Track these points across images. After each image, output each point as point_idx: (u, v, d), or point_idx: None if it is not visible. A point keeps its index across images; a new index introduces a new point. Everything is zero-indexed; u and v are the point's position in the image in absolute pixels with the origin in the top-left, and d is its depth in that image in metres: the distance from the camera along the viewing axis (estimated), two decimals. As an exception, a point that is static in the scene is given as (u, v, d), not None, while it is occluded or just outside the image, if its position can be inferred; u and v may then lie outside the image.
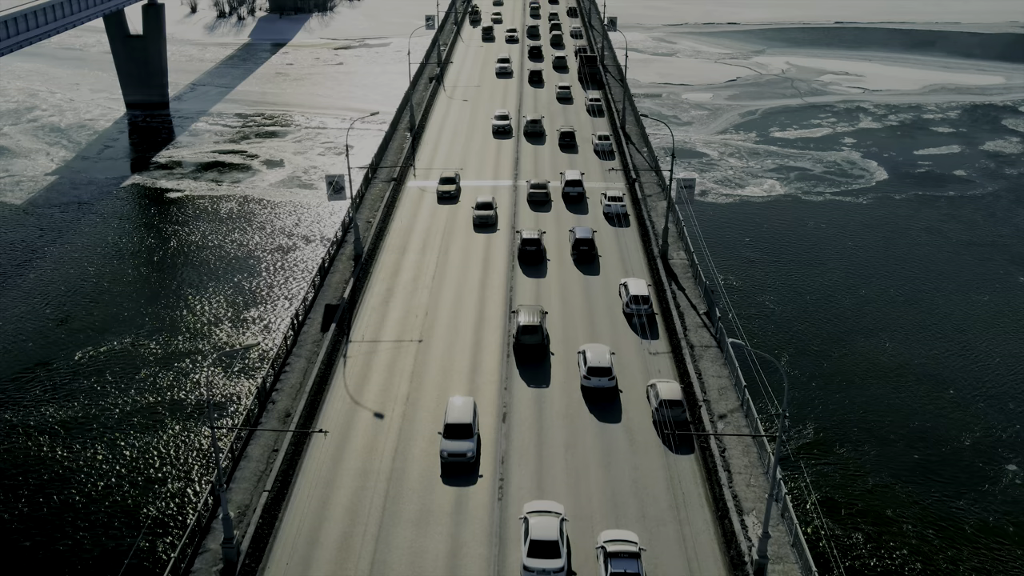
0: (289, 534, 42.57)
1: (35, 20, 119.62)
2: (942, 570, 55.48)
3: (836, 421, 69.90)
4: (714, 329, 60.06)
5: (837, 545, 56.66)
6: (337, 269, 68.23)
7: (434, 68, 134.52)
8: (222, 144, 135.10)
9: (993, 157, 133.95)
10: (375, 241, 73.89)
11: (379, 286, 67.14)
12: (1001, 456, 66.16)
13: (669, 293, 65.08)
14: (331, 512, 44.15)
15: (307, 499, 45.00)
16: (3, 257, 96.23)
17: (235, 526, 41.51)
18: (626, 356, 58.13)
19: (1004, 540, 57.92)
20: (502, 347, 58.72)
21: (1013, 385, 75.20)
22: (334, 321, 59.46)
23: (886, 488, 62.68)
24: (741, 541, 41.09)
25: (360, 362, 57.08)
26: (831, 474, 64.02)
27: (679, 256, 71.89)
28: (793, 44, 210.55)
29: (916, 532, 58.32)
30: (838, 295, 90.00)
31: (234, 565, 39.43)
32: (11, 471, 62.73)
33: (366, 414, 51.74)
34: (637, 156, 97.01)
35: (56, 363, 75.75)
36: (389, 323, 61.74)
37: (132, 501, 59.68)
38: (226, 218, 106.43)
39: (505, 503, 44.73)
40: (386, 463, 47.57)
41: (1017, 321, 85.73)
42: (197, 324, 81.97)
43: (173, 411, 69.24)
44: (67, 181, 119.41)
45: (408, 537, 42.53)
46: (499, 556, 41.42)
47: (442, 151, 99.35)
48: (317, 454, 48.18)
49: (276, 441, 48.01)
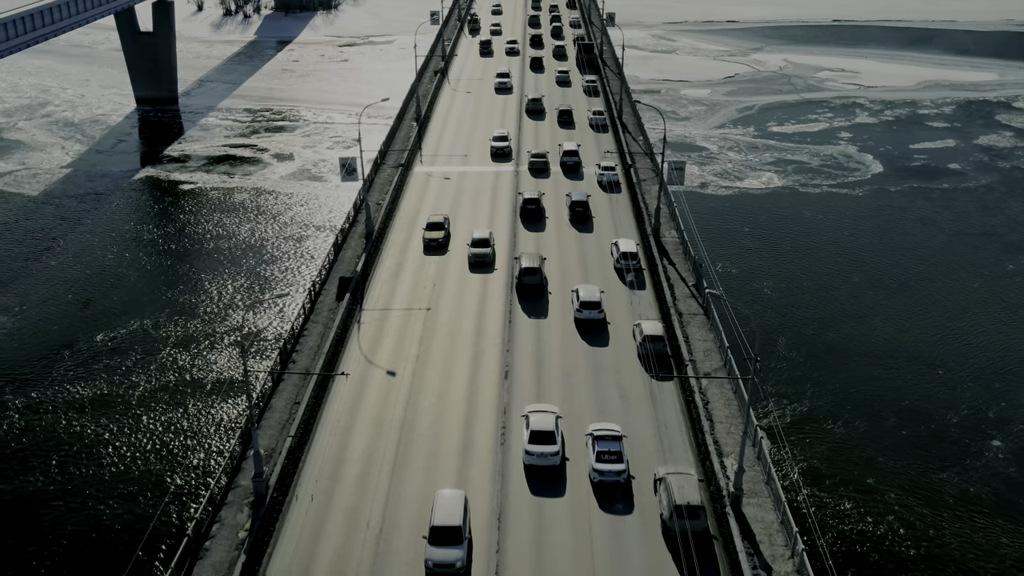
0: (312, 473, 46.68)
1: (50, 16, 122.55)
2: (921, 533, 58.44)
3: (827, 399, 72.87)
4: (701, 299, 64.61)
5: (820, 509, 59.83)
6: (350, 246, 72.74)
7: (438, 62, 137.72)
8: (232, 138, 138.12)
9: (986, 151, 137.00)
10: (385, 221, 78.16)
11: (389, 261, 71.61)
12: (986, 432, 69.10)
13: (658, 256, 70.72)
14: (349, 454, 48.39)
15: (327, 444, 49.25)
16: (25, 245, 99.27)
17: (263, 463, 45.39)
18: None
19: (984, 508, 60.89)
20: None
21: (1000, 366, 78.20)
22: (348, 291, 63.50)
23: (872, 460, 65.62)
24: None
25: (373, 328, 61.29)
26: (818, 446, 66.92)
27: (671, 235, 76.17)
28: (791, 42, 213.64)
29: (898, 499, 61.29)
30: (833, 281, 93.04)
31: (264, 498, 43.25)
32: (45, 441, 65.63)
33: (379, 372, 55.99)
34: (632, 144, 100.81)
35: (80, 343, 78.75)
36: (399, 293, 66.12)
37: (163, 460, 62.68)
38: (239, 208, 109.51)
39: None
40: (398, 413, 51.86)
41: (1005, 306, 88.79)
42: (216, 305, 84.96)
43: (198, 379, 72.30)
44: (82, 173, 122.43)
45: (420, 476, 46.76)
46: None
47: (447, 138, 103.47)
48: (335, 405, 52.54)
49: (298, 394, 52.27)
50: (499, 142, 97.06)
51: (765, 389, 70.79)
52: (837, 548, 56.35)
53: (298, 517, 43.59)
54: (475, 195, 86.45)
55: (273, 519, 42.93)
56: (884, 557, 56.50)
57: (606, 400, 53.36)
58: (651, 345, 56.28)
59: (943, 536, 58.36)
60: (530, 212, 79.46)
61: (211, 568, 39.74)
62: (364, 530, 42.97)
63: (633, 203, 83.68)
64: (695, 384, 52.62)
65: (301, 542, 42.11)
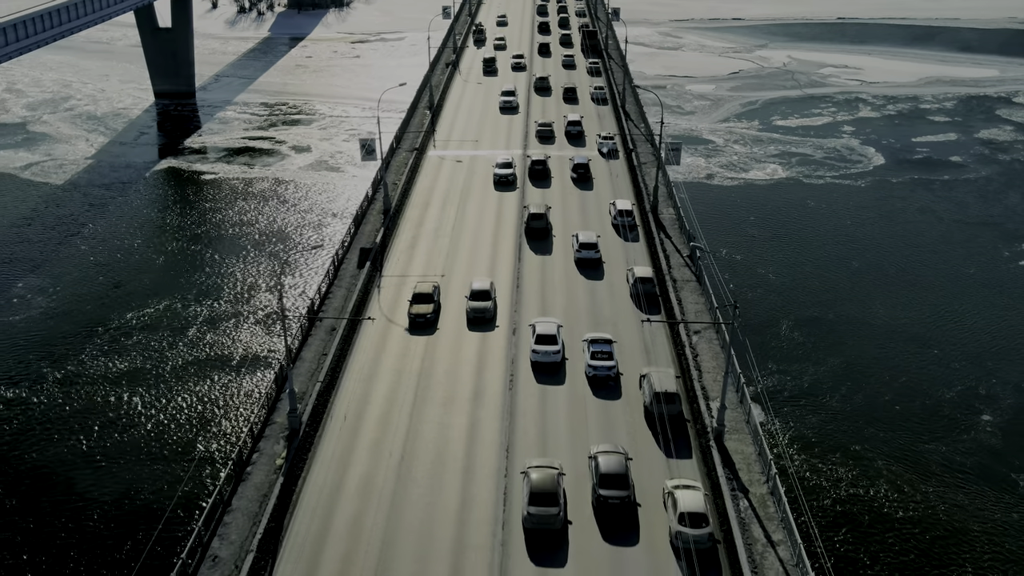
0: (339, 412, 51.83)
1: (75, 12, 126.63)
2: (905, 495, 61.77)
3: (824, 374, 76.26)
4: (695, 268, 69.77)
5: (808, 471, 63.31)
6: (369, 220, 77.73)
7: (450, 55, 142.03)
8: (251, 131, 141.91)
9: (987, 144, 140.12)
10: (401, 199, 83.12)
11: (406, 234, 76.63)
12: (976, 408, 72.31)
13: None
14: (373, 397, 53.42)
15: (352, 388, 54.35)
16: (56, 230, 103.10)
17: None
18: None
19: (970, 476, 64.08)
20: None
21: (993, 346, 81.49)
22: (368, 260, 68.56)
23: (863, 430, 68.89)
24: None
25: (392, 292, 66.35)
26: (809, 414, 70.27)
27: (668, 212, 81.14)
28: (795, 39, 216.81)
29: (885, 466, 64.55)
30: (834, 266, 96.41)
31: (297, 431, 48.20)
32: (88, 403, 69.33)
33: (398, 329, 61.12)
34: (634, 130, 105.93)
35: (114, 320, 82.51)
36: (416, 262, 71.31)
37: (206, 407, 66.40)
38: (260, 196, 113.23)
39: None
40: (416, 364, 56.88)
41: (999, 290, 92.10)
42: (242, 283, 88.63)
43: (230, 344, 76.07)
44: (107, 164, 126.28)
45: (437, 413, 51.96)
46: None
47: (459, 125, 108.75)
48: (359, 357, 57.55)
49: (325, 347, 57.34)
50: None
51: (754, 342, 74.49)
52: (809, 481, 60.24)
53: (328, 448, 48.60)
54: (485, 176, 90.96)
55: (306, 449, 47.94)
56: (857, 494, 59.96)
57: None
58: (642, 286, 64.53)
59: (917, 489, 61.71)
60: (537, 172, 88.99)
61: (254, 488, 44.78)
62: (387, 458, 48.09)
63: (633, 183, 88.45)
64: (683, 329, 58.82)
65: (331, 469, 47.08)
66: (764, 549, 40.57)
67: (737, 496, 43.86)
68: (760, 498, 43.76)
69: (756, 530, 41.79)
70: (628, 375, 55.26)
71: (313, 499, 44.76)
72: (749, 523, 42.26)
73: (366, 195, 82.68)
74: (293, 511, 43.72)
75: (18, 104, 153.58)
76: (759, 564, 39.95)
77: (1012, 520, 59.79)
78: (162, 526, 53.12)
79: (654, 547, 41.71)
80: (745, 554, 39.78)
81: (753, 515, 42.49)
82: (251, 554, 39.20)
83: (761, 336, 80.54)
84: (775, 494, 43.44)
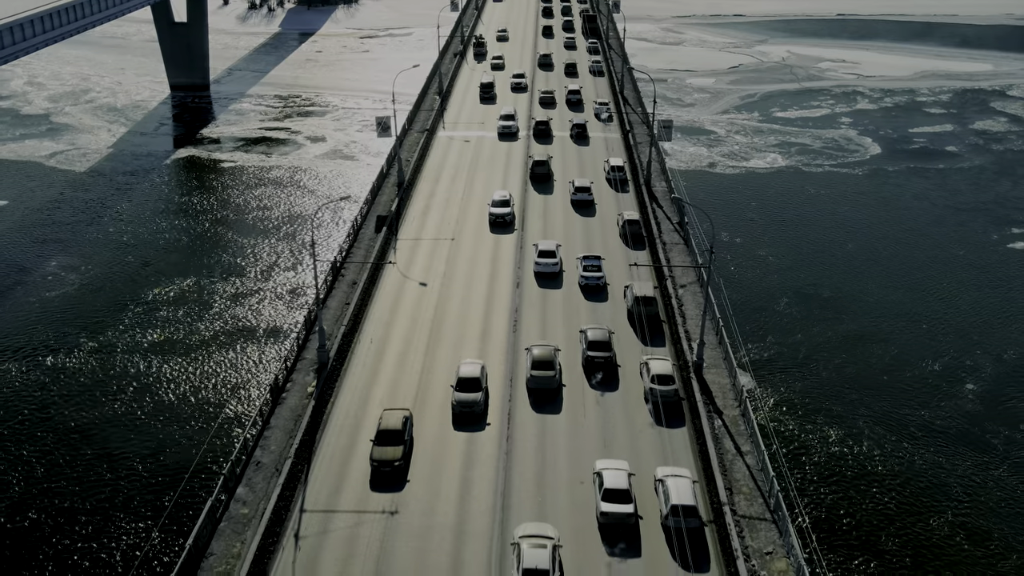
0: (362, 352, 57.88)
1: (97, 6, 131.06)
2: (881, 447, 66.06)
3: (816, 345, 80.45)
4: (683, 232, 76.10)
5: (787, 430, 67.69)
6: (384, 191, 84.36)
7: (457, 45, 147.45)
8: (267, 122, 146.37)
9: (981, 135, 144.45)
10: (413, 174, 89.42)
11: (419, 203, 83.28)
12: (960, 378, 76.37)
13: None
14: (391, 340, 59.70)
15: (373, 331, 60.61)
16: (85, 213, 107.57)
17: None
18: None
19: (950, 436, 68.26)
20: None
21: (979, 322, 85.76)
22: (385, 226, 74.90)
23: (847, 395, 73.17)
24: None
25: (407, 252, 72.97)
26: (796, 383, 74.44)
27: (660, 185, 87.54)
28: (795, 34, 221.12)
29: (865, 425, 68.77)
30: (831, 249, 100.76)
31: (326, 364, 53.94)
32: (131, 362, 73.78)
33: (413, 284, 67.37)
34: (631, 114, 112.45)
35: (146, 294, 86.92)
36: (428, 228, 77.93)
37: (242, 351, 70.82)
38: (279, 183, 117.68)
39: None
40: (428, 313, 62.97)
41: (987, 271, 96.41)
42: (267, 256, 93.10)
43: (260, 304, 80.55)
44: (129, 153, 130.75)
45: (448, 354, 57.70)
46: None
47: (466, 109, 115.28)
48: (378, 304, 64.20)
49: (347, 298, 63.87)
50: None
51: (752, 315, 79.00)
52: (785, 425, 65.52)
53: (353, 379, 54.64)
54: (492, 154, 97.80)
55: (333, 380, 53.77)
56: (830, 437, 64.59)
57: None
58: (629, 228, 74.87)
59: (893, 444, 66.07)
60: (540, 130, 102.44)
61: (289, 410, 50.44)
62: (404, 389, 53.94)
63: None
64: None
65: (356, 394, 53.27)
66: (734, 458, 46.69)
67: (712, 416, 50.09)
68: (732, 419, 50.12)
69: (728, 443, 47.89)
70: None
71: (341, 418, 50.53)
72: (722, 438, 48.40)
73: (381, 170, 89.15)
74: (323, 428, 49.37)
75: (40, 96, 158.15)
76: (728, 469, 45.98)
77: (988, 476, 64.05)
78: (206, 446, 60.76)
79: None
80: (716, 459, 45.84)
81: (725, 431, 48.83)
82: (289, 460, 44.94)
83: (759, 311, 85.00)
84: (745, 415, 49.67)
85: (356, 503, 43.58)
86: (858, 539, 57.66)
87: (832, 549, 56.02)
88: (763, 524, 41.18)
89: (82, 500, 60.12)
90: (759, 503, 42.55)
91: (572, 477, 45.84)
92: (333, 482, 45.21)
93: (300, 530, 41.27)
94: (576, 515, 43.05)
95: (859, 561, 55.71)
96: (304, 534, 41.03)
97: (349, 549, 40.46)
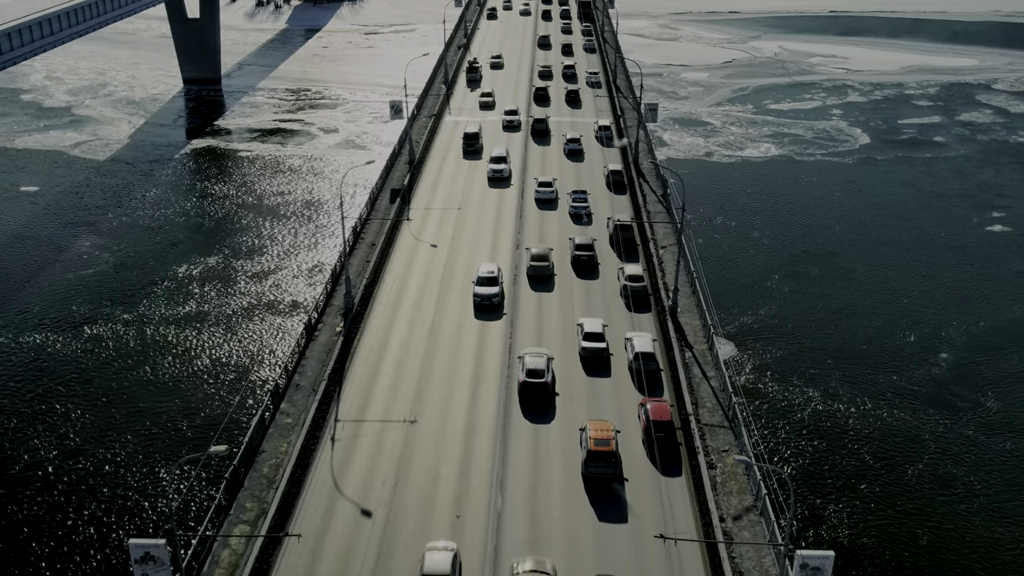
0: (382, 299, 67.10)
1: (117, 1, 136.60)
2: (847, 401, 71.94)
3: (801, 318, 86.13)
4: (665, 203, 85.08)
5: (759, 382, 73.72)
6: (397, 168, 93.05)
7: (461, 38, 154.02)
8: (280, 114, 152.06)
9: (966, 126, 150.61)
10: (423, 153, 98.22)
11: (428, 178, 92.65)
12: (936, 347, 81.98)
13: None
14: (407, 289, 69.06)
15: (391, 284, 69.72)
16: (112, 199, 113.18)
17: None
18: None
19: (919, 398, 74.00)
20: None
21: (956, 297, 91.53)
22: (399, 197, 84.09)
23: (824, 360, 78.85)
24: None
25: (419, 221, 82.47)
26: (775, 351, 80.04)
27: (648, 162, 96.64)
28: (788, 31, 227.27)
29: (839, 386, 74.69)
30: (821, 231, 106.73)
31: (351, 310, 62.71)
32: (178, 320, 79.51)
33: (425, 246, 76.92)
34: (622, 101, 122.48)
35: (178, 270, 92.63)
36: (437, 199, 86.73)
37: (274, 307, 76.74)
38: (296, 172, 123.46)
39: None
40: (439, 270, 71.94)
41: (965, 251, 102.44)
42: (291, 233, 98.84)
43: (289, 274, 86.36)
44: (149, 143, 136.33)
45: (458, 300, 67.03)
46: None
47: (471, 95, 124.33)
48: (395, 263, 72.82)
49: (368, 255, 73.41)
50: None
51: (741, 293, 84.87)
52: (757, 384, 73.47)
53: (376, 320, 63.53)
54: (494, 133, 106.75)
55: (358, 322, 62.35)
56: (800, 390, 71.01)
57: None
58: (612, 176, 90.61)
59: (861, 401, 72.04)
60: (540, 97, 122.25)
61: (321, 345, 59.05)
62: (420, 328, 63.03)
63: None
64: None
65: (378, 333, 62.05)
66: (700, 381, 54.87)
67: (684, 348, 58.04)
68: (701, 352, 57.81)
69: (695, 370, 55.97)
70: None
71: (366, 351, 59.17)
72: (691, 365, 56.98)
73: (393, 150, 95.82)
74: (352, 358, 57.66)
75: (60, 90, 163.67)
76: (696, 388, 54.45)
77: (953, 433, 69.79)
78: (253, 376, 71.87)
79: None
80: (685, 378, 54.52)
81: (694, 360, 57.71)
82: (323, 382, 53.06)
83: (749, 287, 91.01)
84: (712, 349, 57.48)
85: (381, 415, 51.31)
86: (808, 448, 66.86)
87: (778, 451, 65.50)
88: (721, 430, 49.42)
89: (156, 420, 67.18)
90: (719, 415, 50.73)
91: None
92: (361, 399, 53.03)
93: (335, 435, 48.85)
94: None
95: (806, 460, 65.02)
96: (339, 437, 48.82)
97: (376, 448, 48.03)
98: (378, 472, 45.84)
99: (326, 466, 45.87)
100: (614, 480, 45.05)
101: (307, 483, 44.82)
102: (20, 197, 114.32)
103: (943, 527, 59.89)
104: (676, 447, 47.97)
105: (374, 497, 43.92)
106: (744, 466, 45.02)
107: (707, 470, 45.17)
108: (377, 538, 41.08)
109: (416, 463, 46.63)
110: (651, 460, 47.45)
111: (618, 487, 44.99)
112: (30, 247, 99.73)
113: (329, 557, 40.27)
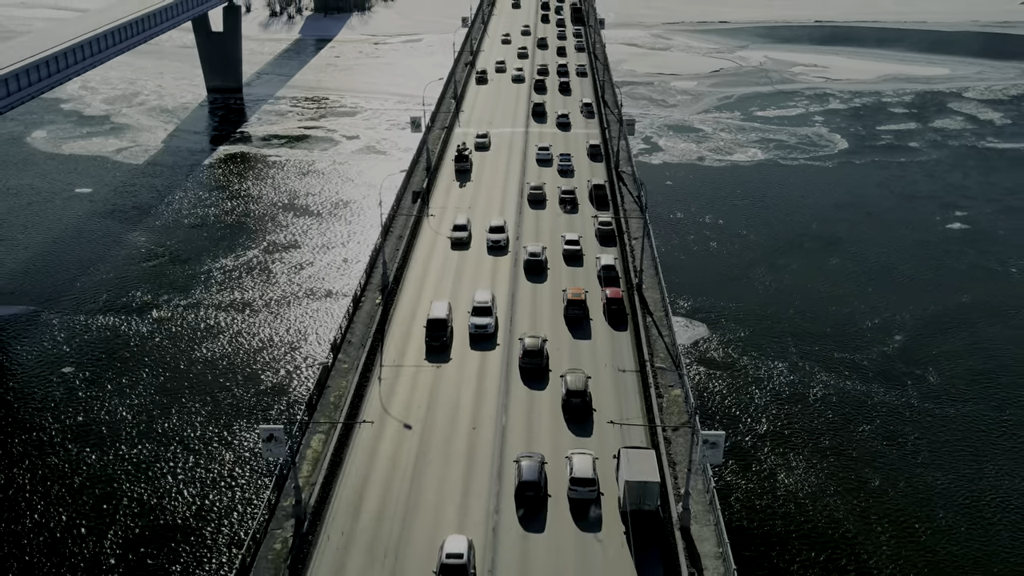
0: (412, 275, 78.94)
1: (156, 19, 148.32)
2: (808, 379, 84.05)
3: (769, 305, 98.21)
4: (639, 194, 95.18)
5: (716, 357, 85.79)
6: (416, 173, 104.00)
7: (467, 55, 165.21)
8: (303, 121, 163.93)
9: (938, 132, 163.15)
10: (438, 160, 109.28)
11: (444, 182, 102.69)
12: (890, 330, 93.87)
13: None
14: (430, 271, 79.73)
15: (416, 267, 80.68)
16: (159, 199, 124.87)
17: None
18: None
19: (868, 373, 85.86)
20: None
21: (918, 286, 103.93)
22: (420, 198, 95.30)
23: (784, 340, 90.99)
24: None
25: (436, 218, 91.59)
26: (739, 331, 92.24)
27: (629, 168, 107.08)
28: (774, 40, 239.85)
29: (794, 361, 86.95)
30: (799, 229, 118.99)
31: (386, 286, 75.47)
32: (233, 300, 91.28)
33: (442, 237, 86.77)
34: (610, 116, 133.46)
35: (226, 260, 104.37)
36: (451, 199, 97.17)
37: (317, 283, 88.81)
38: (323, 175, 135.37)
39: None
40: (454, 258, 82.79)
41: (927, 246, 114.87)
42: (323, 235, 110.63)
43: (329, 255, 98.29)
44: (185, 149, 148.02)
45: (469, 280, 77.42)
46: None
47: (477, 109, 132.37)
48: (421, 246, 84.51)
49: (397, 244, 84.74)
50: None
51: (725, 282, 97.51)
52: (709, 350, 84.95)
53: (407, 294, 75.82)
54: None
55: (392, 296, 75.37)
56: (755, 360, 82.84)
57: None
58: (590, 149, 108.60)
59: (813, 372, 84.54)
60: (539, 85, 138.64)
61: (365, 314, 71.57)
62: (441, 300, 73.20)
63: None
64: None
65: (409, 303, 74.07)
66: (656, 338, 67.12)
67: (645, 315, 70.12)
68: (659, 318, 69.70)
69: (653, 331, 67.97)
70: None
71: (400, 317, 71.78)
72: (650, 327, 68.80)
73: (414, 157, 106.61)
74: (389, 322, 70.98)
75: (96, 99, 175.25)
76: (652, 343, 65.87)
77: (897, 401, 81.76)
78: (313, 335, 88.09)
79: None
80: (642, 323, 67.79)
81: (652, 322, 69.56)
82: (369, 339, 67.08)
83: (730, 279, 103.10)
84: (667, 317, 69.46)
85: (414, 362, 64.40)
86: (744, 392, 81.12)
87: (716, 388, 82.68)
88: (670, 373, 61.97)
89: (230, 374, 78.45)
90: (669, 362, 63.58)
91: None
92: (398, 351, 65.96)
93: (381, 375, 62.92)
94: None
95: (740, 398, 78.09)
96: (384, 377, 62.72)
97: (412, 385, 61.66)
98: (414, 400, 59.54)
99: (376, 397, 59.98)
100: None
101: (361, 409, 58.77)
102: (78, 197, 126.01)
103: (889, 473, 72.28)
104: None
105: (412, 415, 57.88)
106: (683, 395, 58.36)
107: (656, 396, 59.08)
108: (416, 439, 55.33)
109: (442, 395, 60.06)
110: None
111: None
112: (94, 242, 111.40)
113: (385, 446, 54.95)
